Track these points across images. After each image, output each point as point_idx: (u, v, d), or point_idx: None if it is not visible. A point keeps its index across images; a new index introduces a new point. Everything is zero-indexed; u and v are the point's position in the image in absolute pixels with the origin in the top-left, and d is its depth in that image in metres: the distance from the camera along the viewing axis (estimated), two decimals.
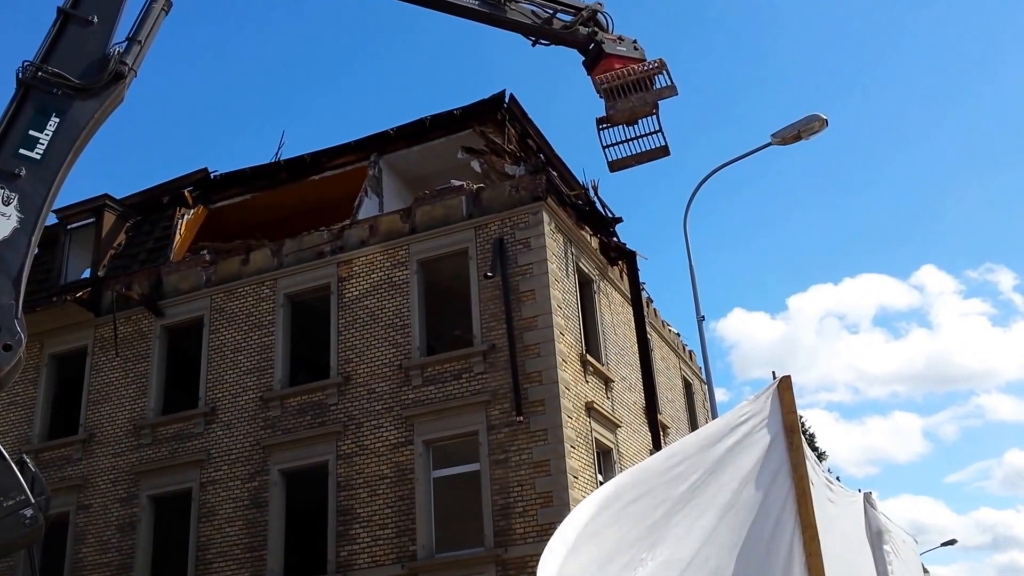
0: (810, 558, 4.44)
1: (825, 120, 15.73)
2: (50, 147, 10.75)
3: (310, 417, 18.49)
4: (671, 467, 4.05)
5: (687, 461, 4.11)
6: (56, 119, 10.85)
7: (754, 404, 4.59)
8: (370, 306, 18.81)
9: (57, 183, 10.86)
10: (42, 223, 10.79)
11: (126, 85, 11.45)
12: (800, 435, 4.69)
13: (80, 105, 11.05)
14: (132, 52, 11.55)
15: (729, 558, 4.07)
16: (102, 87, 11.19)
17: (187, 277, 20.90)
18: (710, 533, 4.03)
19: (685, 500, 4.00)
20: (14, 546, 10.78)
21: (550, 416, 16.58)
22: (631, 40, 13.70)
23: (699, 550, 3.95)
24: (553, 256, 18.11)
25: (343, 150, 21.67)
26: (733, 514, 4.17)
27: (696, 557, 3.93)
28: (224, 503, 18.54)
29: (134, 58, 11.50)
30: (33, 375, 21.49)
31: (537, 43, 14.28)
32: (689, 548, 3.93)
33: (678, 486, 4.00)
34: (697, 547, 3.95)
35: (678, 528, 3.92)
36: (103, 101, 11.18)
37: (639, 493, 3.89)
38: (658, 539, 3.82)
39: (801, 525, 4.48)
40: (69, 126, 10.92)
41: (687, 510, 3.99)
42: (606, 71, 13.43)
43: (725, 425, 4.42)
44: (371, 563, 16.86)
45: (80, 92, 11.08)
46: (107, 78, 11.24)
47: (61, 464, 20.31)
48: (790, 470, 4.55)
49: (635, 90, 13.16)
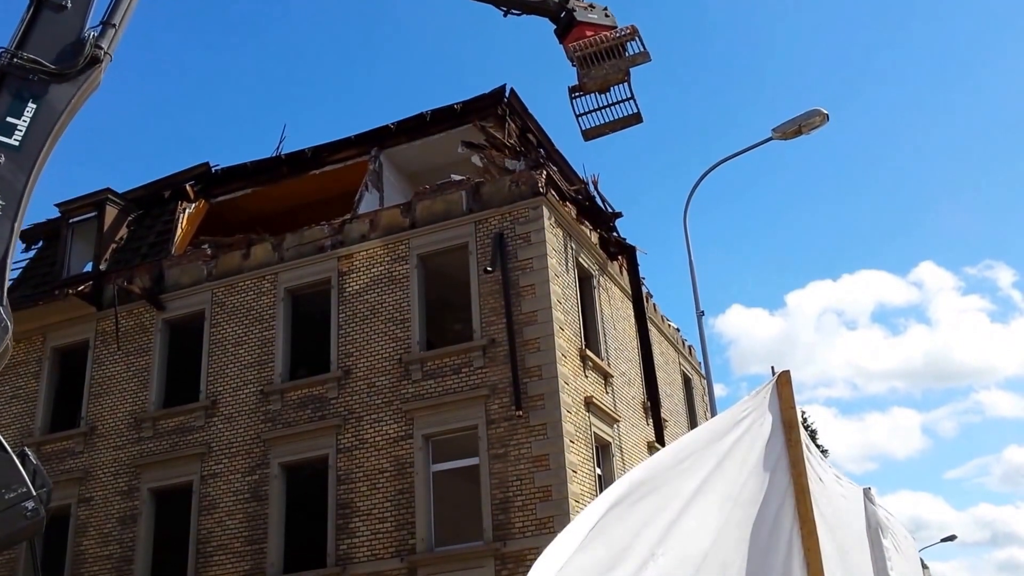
0: (808, 553, 4.43)
1: (826, 115, 15.62)
2: (28, 133, 10.69)
3: (310, 411, 18.55)
4: (680, 461, 4.06)
5: (695, 455, 4.11)
6: (33, 105, 10.79)
7: (755, 399, 4.59)
8: (370, 300, 18.85)
9: (37, 169, 10.80)
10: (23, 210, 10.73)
11: (102, 69, 11.37)
12: (799, 430, 4.69)
13: (57, 90, 10.98)
14: (107, 36, 11.47)
15: (735, 553, 4.08)
16: (78, 72, 11.12)
17: (188, 271, 20.94)
18: (719, 528, 4.05)
19: (695, 495, 4.01)
20: (16, 538, 10.81)
21: (549, 411, 16.63)
22: (602, 7, 13.64)
23: (711, 545, 3.97)
24: (553, 251, 18.13)
25: (343, 144, 21.71)
26: (738, 509, 4.19)
27: (709, 552, 3.95)
28: (224, 496, 18.60)
29: (109, 42, 11.42)
30: (35, 368, 21.57)
31: (509, 13, 14.17)
32: (701, 543, 3.94)
33: (687, 481, 4.00)
34: (709, 542, 3.97)
35: (689, 523, 3.92)
36: (79, 86, 11.11)
37: (650, 489, 3.89)
38: (670, 535, 3.83)
39: (799, 520, 4.48)
40: (47, 112, 10.86)
41: (697, 505, 4.00)
42: (578, 39, 13.36)
43: (731, 419, 4.42)
44: (370, 556, 16.93)
45: (56, 77, 11.00)
46: (83, 63, 11.15)
47: (63, 457, 20.37)
48: (788, 465, 4.57)
49: (608, 57, 13.06)
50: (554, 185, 19.06)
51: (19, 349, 21.70)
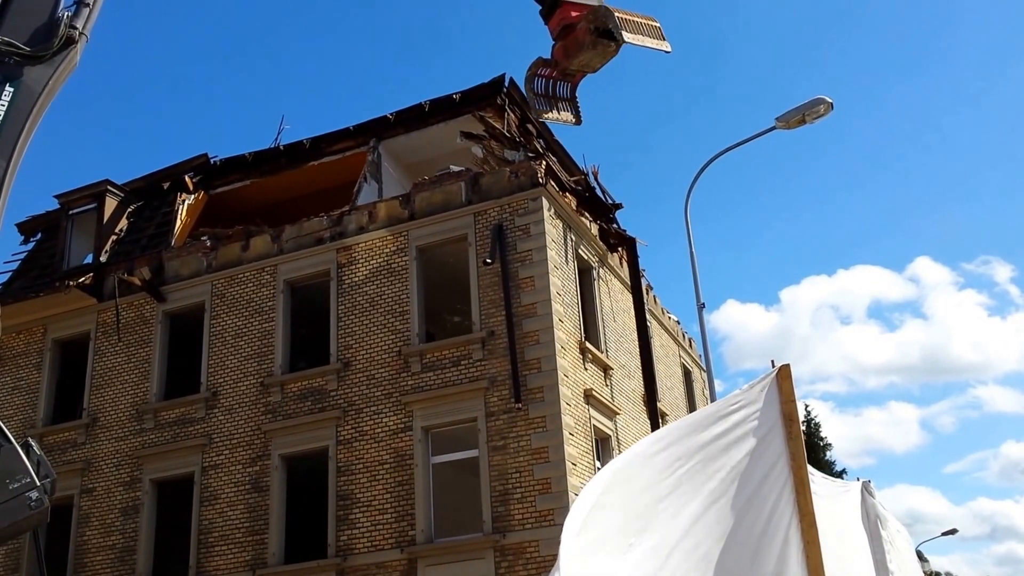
0: (808, 546, 4.41)
1: (830, 103, 15.31)
2: (6, 118, 10.56)
3: (310, 403, 18.58)
4: (657, 452, 4.04)
5: (673, 447, 4.10)
6: (10, 89, 10.67)
7: (748, 393, 4.54)
8: (369, 292, 18.87)
9: (17, 154, 10.66)
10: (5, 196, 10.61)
11: (78, 50, 11.22)
12: (799, 424, 4.65)
13: (33, 73, 10.83)
14: (82, 16, 11.28)
15: (718, 547, 4.07)
16: (53, 53, 10.99)
17: (188, 263, 20.95)
18: (697, 520, 4.02)
19: (673, 486, 3.99)
20: (20, 529, 10.80)
21: (549, 403, 16.65)
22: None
23: (686, 536, 3.96)
24: (552, 243, 18.13)
25: (342, 135, 21.68)
26: (724, 502, 4.16)
27: (683, 543, 3.93)
28: (226, 487, 18.65)
29: (84, 21, 11.27)
30: (37, 360, 21.61)
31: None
32: (676, 534, 3.94)
33: (664, 471, 3.98)
34: (683, 533, 3.96)
35: (665, 514, 3.92)
36: (55, 67, 10.98)
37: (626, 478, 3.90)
38: (646, 524, 3.83)
39: (799, 514, 4.47)
40: (24, 95, 10.71)
41: (675, 496, 3.98)
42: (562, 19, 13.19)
43: (715, 412, 4.40)
44: (371, 547, 16.98)
45: (31, 60, 10.83)
46: (58, 44, 11.00)
47: (65, 448, 20.42)
48: (788, 459, 4.56)
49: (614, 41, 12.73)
50: (554, 176, 19.04)
51: (20, 340, 21.75)
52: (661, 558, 3.83)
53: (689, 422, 4.33)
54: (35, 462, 10.45)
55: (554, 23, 13.21)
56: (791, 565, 4.36)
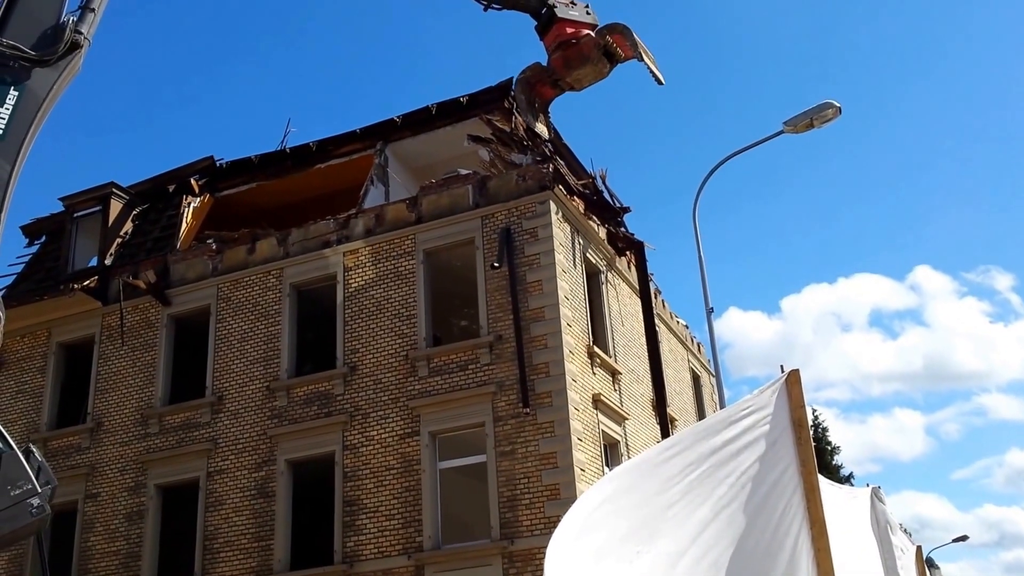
0: (819, 553, 4.38)
1: (838, 107, 15.22)
2: (11, 122, 10.56)
3: (316, 407, 18.47)
4: (667, 459, 3.98)
5: (683, 453, 4.04)
6: (15, 93, 10.65)
7: (758, 398, 4.50)
8: (376, 296, 18.75)
9: (21, 158, 10.65)
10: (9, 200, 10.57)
11: (82, 55, 11.23)
12: (808, 430, 4.62)
13: (38, 77, 10.84)
14: (87, 21, 11.29)
15: (727, 553, 4.00)
16: (59, 58, 10.98)
17: (194, 266, 20.88)
18: (707, 527, 3.96)
19: (682, 493, 3.93)
20: (20, 535, 10.73)
21: (557, 408, 16.50)
22: (583, 5, 13.41)
23: (695, 543, 3.89)
24: (560, 246, 18.00)
25: (349, 138, 21.60)
26: (734, 508, 4.10)
27: (692, 550, 3.86)
28: (231, 492, 18.54)
29: (88, 27, 11.28)
30: (41, 364, 21.55)
31: (489, 7, 13.92)
32: (685, 541, 3.87)
33: (674, 478, 3.93)
34: (692, 540, 3.89)
35: (674, 520, 3.86)
36: (60, 72, 10.97)
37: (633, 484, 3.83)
38: (654, 531, 3.76)
39: (809, 520, 4.42)
40: (29, 100, 10.71)
41: (684, 503, 3.92)
42: (558, 36, 13.08)
43: (725, 418, 4.35)
44: (377, 554, 16.84)
45: (37, 64, 10.85)
46: (63, 48, 11.01)
47: (69, 452, 20.35)
48: (799, 465, 4.48)
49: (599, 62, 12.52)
50: (561, 179, 18.92)
51: (24, 344, 21.70)
52: (669, 565, 3.74)
53: (700, 428, 4.27)
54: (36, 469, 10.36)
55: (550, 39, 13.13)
56: (801, 572, 4.29)
